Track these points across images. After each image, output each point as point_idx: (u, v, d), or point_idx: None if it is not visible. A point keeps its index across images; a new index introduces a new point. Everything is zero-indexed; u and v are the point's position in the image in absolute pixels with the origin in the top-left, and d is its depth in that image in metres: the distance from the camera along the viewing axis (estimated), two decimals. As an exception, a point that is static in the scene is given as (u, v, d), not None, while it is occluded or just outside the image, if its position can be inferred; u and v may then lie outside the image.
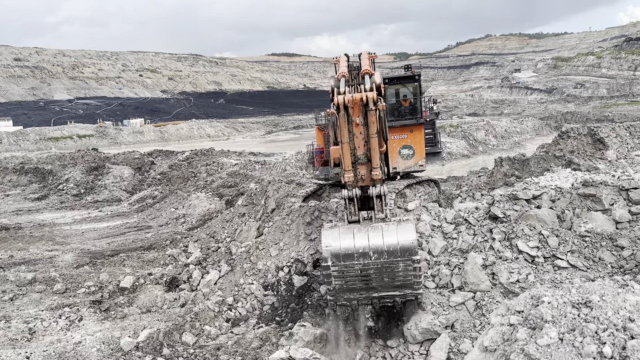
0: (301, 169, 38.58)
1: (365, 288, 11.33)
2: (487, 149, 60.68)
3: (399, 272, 10.83)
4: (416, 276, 10.89)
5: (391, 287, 11.20)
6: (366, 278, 11.07)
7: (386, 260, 10.65)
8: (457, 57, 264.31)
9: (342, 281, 11.23)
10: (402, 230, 10.76)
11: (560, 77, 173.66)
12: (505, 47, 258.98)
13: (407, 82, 17.81)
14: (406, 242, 10.57)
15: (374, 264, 10.70)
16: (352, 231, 11.04)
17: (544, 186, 13.57)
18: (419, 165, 17.76)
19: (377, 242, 10.70)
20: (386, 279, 11.05)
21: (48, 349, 11.61)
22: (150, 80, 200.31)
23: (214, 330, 12.50)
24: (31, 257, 20.83)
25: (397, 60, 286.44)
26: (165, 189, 35.54)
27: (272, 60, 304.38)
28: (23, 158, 55.34)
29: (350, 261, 10.78)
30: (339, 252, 10.82)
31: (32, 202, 37.45)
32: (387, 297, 11.52)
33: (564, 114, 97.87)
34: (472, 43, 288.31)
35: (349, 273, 10.97)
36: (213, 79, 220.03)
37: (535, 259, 11.66)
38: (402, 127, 17.66)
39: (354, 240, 10.87)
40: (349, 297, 11.61)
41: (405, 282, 11.08)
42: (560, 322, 6.52)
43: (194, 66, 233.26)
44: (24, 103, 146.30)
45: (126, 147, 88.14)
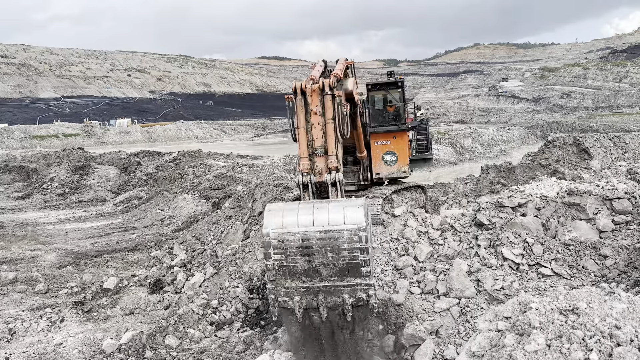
0: (289, 172, 38.53)
1: (308, 271, 10.55)
2: (473, 156, 61.17)
3: (343, 243, 10.22)
4: (363, 250, 10.21)
5: (337, 271, 10.47)
6: (308, 251, 10.39)
7: (330, 227, 10.14)
8: (445, 65, 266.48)
9: (281, 255, 10.49)
10: (350, 200, 10.52)
11: (547, 87, 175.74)
12: (493, 56, 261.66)
13: (391, 89, 17.81)
14: (351, 207, 10.17)
15: (317, 232, 10.19)
16: (297, 205, 10.69)
17: (529, 194, 13.68)
18: (402, 171, 17.78)
19: (322, 210, 10.30)
20: (330, 254, 10.33)
21: (28, 350, 11.43)
22: (139, 81, 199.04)
23: (198, 334, 12.40)
24: (13, 257, 20.52)
25: (387, 66, 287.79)
26: (151, 190, 35.28)
27: (262, 63, 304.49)
28: (7, 156, 54.60)
29: (292, 229, 10.27)
30: (280, 220, 10.36)
31: (16, 201, 36.96)
32: (334, 291, 10.64)
33: (550, 123, 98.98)
34: (460, 51, 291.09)
35: (290, 243, 10.36)
36: (202, 81, 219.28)
37: (520, 267, 11.74)
38: (385, 133, 17.68)
39: (298, 213, 10.42)
40: (291, 285, 10.77)
41: (352, 263, 10.34)
42: (547, 329, 6.56)
43: (183, 67, 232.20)
44: (9, 100, 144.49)
45: (112, 147, 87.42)
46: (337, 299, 10.57)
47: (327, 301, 10.66)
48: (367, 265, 10.19)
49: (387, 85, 17.93)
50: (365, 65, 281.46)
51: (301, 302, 10.72)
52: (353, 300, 10.53)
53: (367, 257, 10.15)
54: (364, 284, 10.38)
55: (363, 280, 10.36)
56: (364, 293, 10.45)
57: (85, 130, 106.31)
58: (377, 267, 14.09)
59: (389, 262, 14.15)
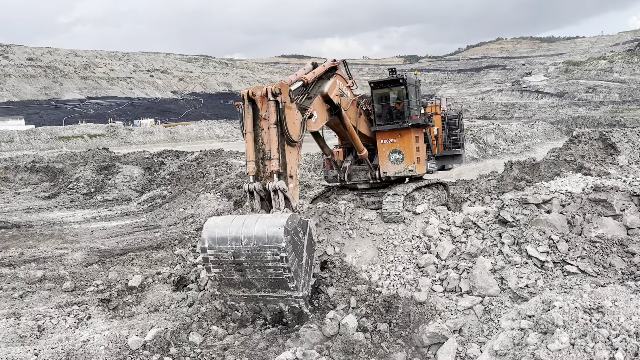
0: (309, 171, 38.59)
1: (244, 283, 11.33)
2: (497, 152, 60.42)
3: (267, 262, 10.81)
4: (285, 269, 10.75)
5: (268, 284, 11.21)
6: (240, 267, 11.12)
7: (255, 246, 10.71)
8: (467, 60, 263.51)
9: (219, 269, 11.38)
10: (274, 219, 10.90)
11: (572, 81, 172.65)
12: (516, 50, 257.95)
13: (393, 86, 17.42)
14: (273, 227, 10.63)
15: (245, 250, 10.80)
16: (230, 222, 11.30)
17: (554, 191, 13.48)
18: (409, 170, 17.40)
19: (250, 228, 10.86)
20: (258, 270, 11.00)
21: (56, 346, 11.67)
22: (161, 81, 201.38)
23: (221, 331, 12.50)
24: (41, 255, 20.98)
25: (407, 62, 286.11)
26: (174, 189, 35.70)
27: (282, 62, 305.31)
28: (34, 157, 55.83)
29: (224, 245, 10.97)
30: (215, 236, 11.08)
31: (43, 201, 37.76)
32: (270, 299, 11.52)
33: (575, 118, 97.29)
34: (482, 46, 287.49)
35: (224, 258, 11.12)
36: (223, 80, 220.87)
37: (545, 264, 11.57)
38: (390, 131, 17.40)
39: (231, 226, 11.08)
40: (233, 293, 11.72)
41: (278, 278, 11.00)
42: (571, 327, 6.47)
43: (204, 67, 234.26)
44: (36, 102, 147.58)
45: (136, 147, 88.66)
46: (276, 306, 11.59)
47: (267, 307, 11.73)
48: (292, 281, 10.92)
49: (389, 82, 17.55)
50: (385, 62, 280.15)
51: (247, 306, 11.90)
52: (289, 308, 11.51)
53: (290, 275, 10.81)
54: (294, 296, 11.24)
55: (292, 292, 11.18)
56: (296, 303, 11.38)
57: (110, 130, 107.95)
58: (388, 267, 14.05)
59: (410, 260, 14.10)
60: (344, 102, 15.60)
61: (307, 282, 11.74)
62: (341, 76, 15.79)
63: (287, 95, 12.18)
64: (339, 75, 15.59)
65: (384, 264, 14.37)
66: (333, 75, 15.22)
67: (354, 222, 15.75)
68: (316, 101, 14.09)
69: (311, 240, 11.99)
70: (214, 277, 11.66)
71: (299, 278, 11.25)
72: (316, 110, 13.98)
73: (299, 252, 11.32)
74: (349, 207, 16.30)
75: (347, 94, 15.98)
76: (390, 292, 12.77)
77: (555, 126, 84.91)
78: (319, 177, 32.87)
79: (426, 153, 18.52)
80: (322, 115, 14.49)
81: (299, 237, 11.38)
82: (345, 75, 16.09)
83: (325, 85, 14.53)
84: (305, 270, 11.61)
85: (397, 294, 12.14)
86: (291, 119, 12.39)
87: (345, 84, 15.93)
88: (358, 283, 13.93)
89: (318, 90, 14.46)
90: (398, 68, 19.02)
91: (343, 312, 12.73)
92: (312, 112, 13.45)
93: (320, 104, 14.35)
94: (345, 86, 15.94)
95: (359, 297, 13.40)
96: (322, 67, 14.99)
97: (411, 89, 17.51)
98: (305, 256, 11.58)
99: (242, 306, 12.04)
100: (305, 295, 11.48)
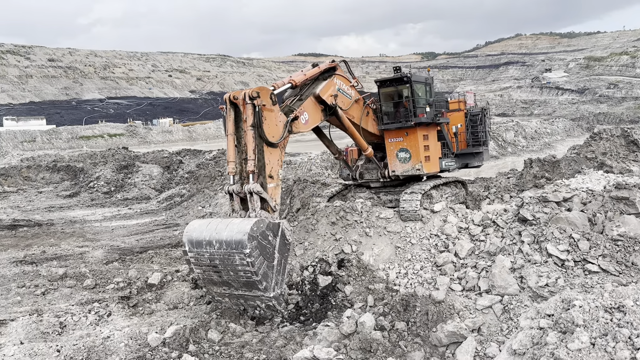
0: (326, 169, 38.57)
1: (222, 282, 12.03)
2: (516, 150, 59.72)
3: (237, 266, 11.46)
4: (253, 273, 11.39)
5: (242, 285, 11.83)
6: (216, 269, 11.84)
7: (225, 251, 11.41)
8: (486, 57, 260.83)
9: (200, 270, 12.17)
10: (241, 225, 11.46)
11: (593, 77, 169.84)
12: (535, 46, 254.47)
13: (398, 85, 17.28)
14: (239, 234, 11.23)
15: (218, 254, 11.54)
16: (209, 222, 12.15)
17: (575, 188, 13.28)
18: (416, 169, 17.26)
19: (220, 233, 11.52)
20: (231, 272, 11.66)
21: (78, 342, 11.85)
22: (179, 81, 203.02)
23: (239, 328, 12.58)
24: (62, 253, 21.32)
25: (425, 59, 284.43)
26: (192, 187, 35.97)
27: (299, 60, 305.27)
28: (56, 156, 56.72)
29: (200, 249, 11.76)
30: (193, 239, 11.86)
31: (64, 199, 38.35)
32: (248, 298, 12.15)
33: (596, 114, 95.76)
34: (501, 42, 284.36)
35: (202, 261, 11.90)
36: (240, 79, 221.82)
37: (565, 263, 11.42)
38: (397, 130, 17.33)
39: (205, 230, 11.79)
40: (217, 291, 12.46)
41: (248, 280, 11.61)
42: (592, 327, 6.38)
43: (221, 66, 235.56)
44: (57, 102, 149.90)
45: (155, 146, 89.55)
46: (254, 304, 12.24)
47: (247, 305, 12.40)
48: (261, 283, 11.59)
49: (394, 81, 17.41)
50: (402, 59, 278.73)
51: (231, 302, 12.62)
52: (265, 306, 12.16)
53: (258, 278, 11.47)
54: (265, 297, 11.88)
55: (264, 293, 11.83)
56: (270, 302, 12.03)
57: (129, 130, 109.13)
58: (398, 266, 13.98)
59: (428, 259, 14.03)
60: (345, 102, 15.82)
61: (281, 282, 12.33)
62: (342, 76, 15.98)
63: (267, 98, 12.70)
64: (339, 75, 15.76)
65: (402, 262, 14.32)
66: (331, 75, 15.43)
67: (371, 221, 15.72)
68: (308, 102, 14.49)
69: (284, 241, 12.43)
70: (197, 276, 12.57)
71: (269, 279, 11.85)
72: (308, 111, 14.39)
73: (268, 254, 11.88)
74: (366, 205, 16.26)
75: (350, 94, 16.15)
76: (408, 291, 12.73)
77: (576, 123, 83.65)
78: (336, 175, 32.85)
79: (441, 151, 18.28)
80: (316, 116, 14.83)
81: (269, 240, 11.90)
82: (347, 75, 16.26)
83: (318, 87, 14.92)
84: (277, 270, 12.15)
85: (414, 293, 12.09)
86: (272, 121, 12.88)
87: (348, 84, 16.11)
88: (375, 281, 13.90)
89: (311, 91, 14.86)
90: (415, 65, 18.96)
91: (360, 310, 12.73)
92: (300, 114, 13.91)
93: (313, 105, 14.70)
94: (349, 86, 16.12)
95: (377, 296, 13.38)
96: (317, 68, 15.39)
97: (419, 86, 17.34)
98: (277, 257, 12.13)
99: (227, 302, 12.75)
100: (277, 294, 12.14)
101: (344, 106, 15.78)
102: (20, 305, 15.05)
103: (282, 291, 12.38)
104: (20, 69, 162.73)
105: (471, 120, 19.37)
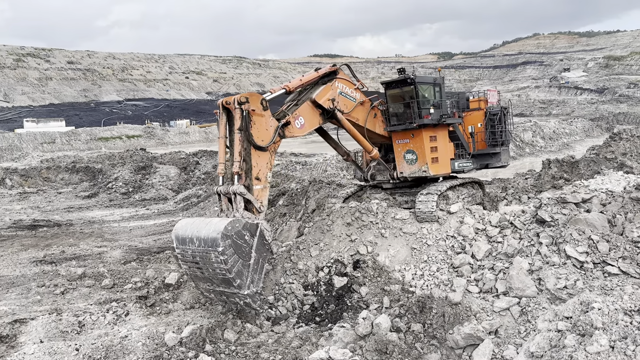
0: (342, 170, 38.55)
1: (205, 278, 12.54)
2: (534, 150, 59.07)
3: (213, 263, 11.91)
4: (227, 270, 11.82)
5: (221, 282, 12.26)
6: (198, 265, 12.32)
7: (203, 248, 11.92)
8: (503, 57, 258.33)
9: (186, 266, 12.77)
10: (217, 224, 11.94)
11: (612, 76, 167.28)
12: (553, 46, 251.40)
13: (403, 86, 17.20)
14: (213, 233, 11.72)
15: (198, 251, 12.06)
16: (194, 221, 12.84)
17: (594, 189, 13.10)
18: (422, 170, 17.17)
19: (200, 232, 12.07)
20: (210, 270, 12.10)
21: (96, 342, 11.99)
22: (196, 82, 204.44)
23: (255, 329, 12.64)
24: (81, 253, 21.60)
25: (441, 60, 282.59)
26: (209, 188, 36.18)
27: (314, 61, 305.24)
28: (75, 157, 57.50)
29: (185, 245, 12.33)
30: (179, 237, 12.46)
31: (83, 200, 38.86)
32: (229, 294, 12.53)
33: (616, 114, 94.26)
34: (519, 42, 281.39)
35: (187, 257, 12.45)
36: (256, 81, 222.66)
37: (584, 265, 11.26)
38: (404, 131, 17.30)
39: (189, 228, 12.41)
40: (203, 287, 12.99)
41: (224, 278, 12.02)
42: (611, 330, 6.29)
43: (237, 68, 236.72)
44: (76, 104, 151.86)
45: (172, 147, 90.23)
46: (234, 300, 12.59)
47: (229, 301, 12.77)
48: (235, 281, 11.99)
49: (399, 83, 17.36)
50: (418, 60, 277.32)
51: (216, 298, 13.09)
52: (243, 303, 12.50)
53: (232, 276, 11.86)
54: (241, 294, 12.25)
55: (240, 291, 12.21)
56: (246, 300, 12.38)
57: (147, 131, 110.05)
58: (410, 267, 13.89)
59: (444, 260, 13.94)
60: (348, 105, 16.12)
61: (257, 280, 12.70)
62: (345, 79, 16.24)
63: (257, 104, 13.28)
64: (340, 79, 16.02)
65: (418, 263, 14.25)
66: (330, 80, 15.74)
67: (386, 222, 15.67)
68: (304, 107, 14.92)
69: (263, 240, 12.85)
70: (185, 272, 13.39)
71: (243, 277, 12.24)
72: (304, 115, 14.81)
73: (244, 253, 12.29)
74: (382, 206, 16.22)
75: (354, 96, 16.41)
76: (424, 292, 12.66)
77: (595, 123, 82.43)
78: (351, 176, 32.81)
79: (454, 152, 18.08)
80: (313, 120, 15.23)
81: (245, 239, 12.34)
82: (350, 78, 16.52)
83: (315, 92, 15.25)
84: (254, 269, 12.55)
85: (431, 294, 12.03)
86: (262, 125, 13.44)
87: (351, 87, 16.39)
88: (391, 283, 13.85)
89: (308, 96, 15.24)
90: (431, 65, 18.92)
91: (376, 311, 12.70)
92: (295, 118, 14.44)
93: (310, 110, 15.11)
94: (352, 88, 16.38)
95: (392, 297, 13.33)
96: (316, 73, 15.77)
97: (425, 87, 17.25)
98: (254, 256, 12.52)
99: (213, 298, 13.25)
100: (252, 292, 12.46)
101: (346, 109, 16.08)
102: (40, 304, 15.28)
103: (258, 289, 12.73)
104: (40, 72, 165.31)
105: (490, 120, 18.93)
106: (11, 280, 17.83)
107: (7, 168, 48.83)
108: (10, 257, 20.98)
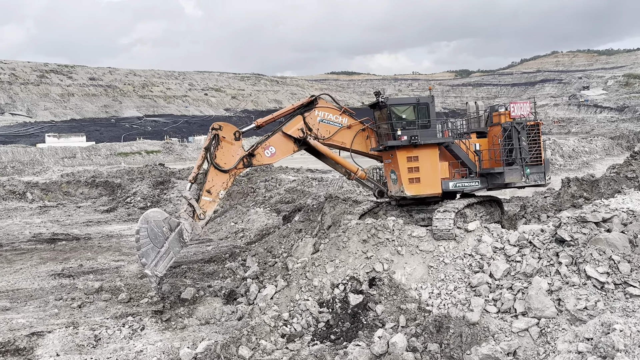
0: (357, 186, 38.46)
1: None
2: (553, 168, 58.30)
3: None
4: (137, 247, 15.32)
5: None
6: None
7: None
8: (521, 74, 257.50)
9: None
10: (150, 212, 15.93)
11: (633, 94, 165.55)
12: (572, 64, 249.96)
13: (381, 108, 17.70)
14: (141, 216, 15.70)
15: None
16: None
17: (614, 209, 12.88)
18: (401, 190, 17.34)
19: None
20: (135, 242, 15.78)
21: (112, 356, 12.04)
22: (215, 99, 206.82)
23: (270, 345, 12.56)
24: (99, 267, 21.80)
25: (458, 77, 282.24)
26: (225, 203, 36.36)
27: (332, 78, 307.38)
28: (94, 172, 58.33)
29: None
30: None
31: (102, 214, 39.32)
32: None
33: (637, 133, 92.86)
34: (537, 60, 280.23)
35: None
36: (274, 97, 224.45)
37: (605, 286, 11.04)
38: (386, 152, 17.93)
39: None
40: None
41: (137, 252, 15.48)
42: (634, 352, 6.14)
43: (256, 85, 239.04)
44: (96, 120, 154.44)
45: (191, 162, 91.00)
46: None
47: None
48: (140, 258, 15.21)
49: (373, 106, 18.19)
50: (435, 77, 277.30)
51: None
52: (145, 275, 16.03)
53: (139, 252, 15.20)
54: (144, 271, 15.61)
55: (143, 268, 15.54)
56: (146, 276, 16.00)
57: (166, 147, 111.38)
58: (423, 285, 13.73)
59: (462, 279, 13.77)
60: (330, 130, 17.80)
61: (162, 267, 15.43)
62: (326, 107, 17.84)
63: (229, 133, 16.62)
64: (320, 107, 17.74)
65: (435, 282, 14.08)
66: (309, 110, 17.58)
67: (403, 239, 15.55)
68: (275, 137, 17.44)
69: (180, 238, 15.69)
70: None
71: (149, 258, 15.11)
72: (275, 145, 17.35)
73: (157, 240, 15.26)
74: (398, 223, 16.12)
75: (340, 121, 17.92)
76: (441, 312, 12.50)
77: (615, 141, 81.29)
78: (368, 193, 32.72)
79: (449, 171, 17.82)
80: (286, 148, 17.57)
81: (162, 230, 15.32)
82: (333, 105, 17.95)
83: (286, 123, 17.60)
84: (162, 256, 15.37)
85: (448, 314, 11.87)
86: (229, 152, 16.57)
87: (335, 112, 17.94)
88: (407, 301, 13.70)
89: (280, 127, 17.53)
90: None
91: (392, 330, 12.55)
92: (266, 148, 17.22)
93: (282, 139, 17.49)
94: (337, 114, 17.93)
95: (409, 316, 13.18)
96: (291, 106, 18.03)
97: (402, 109, 17.47)
98: (165, 246, 15.39)
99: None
100: (151, 273, 15.24)
101: (327, 134, 17.69)
102: (57, 317, 15.41)
103: (158, 274, 15.36)
104: (62, 88, 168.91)
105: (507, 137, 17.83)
106: (29, 293, 18.04)
107: (29, 182, 49.68)
108: (29, 270, 21.25)
